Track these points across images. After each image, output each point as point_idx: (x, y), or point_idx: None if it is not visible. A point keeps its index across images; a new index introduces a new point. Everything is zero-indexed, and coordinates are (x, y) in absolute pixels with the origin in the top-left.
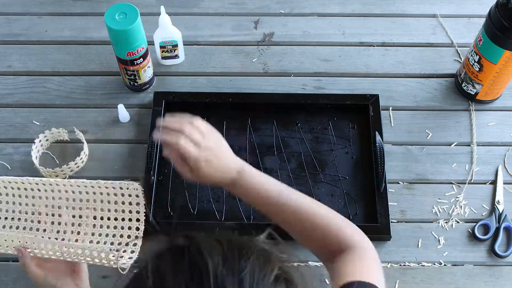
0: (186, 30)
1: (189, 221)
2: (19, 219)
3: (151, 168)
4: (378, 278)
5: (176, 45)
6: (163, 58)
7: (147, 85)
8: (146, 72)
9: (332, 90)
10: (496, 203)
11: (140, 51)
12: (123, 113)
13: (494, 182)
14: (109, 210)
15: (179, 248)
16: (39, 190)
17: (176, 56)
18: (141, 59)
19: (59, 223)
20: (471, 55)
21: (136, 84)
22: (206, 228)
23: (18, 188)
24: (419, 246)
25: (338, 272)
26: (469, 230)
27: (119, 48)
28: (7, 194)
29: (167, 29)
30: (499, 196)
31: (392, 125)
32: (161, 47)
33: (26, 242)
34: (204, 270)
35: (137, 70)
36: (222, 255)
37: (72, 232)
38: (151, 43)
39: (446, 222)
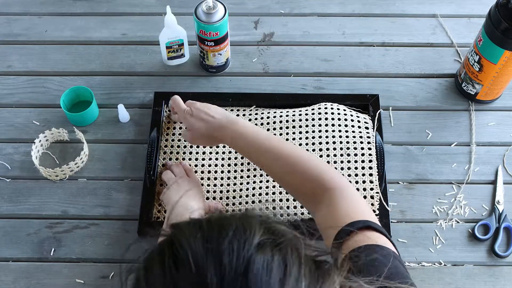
0: (186, 30)
1: None
2: None
3: (151, 168)
4: (369, 212)
5: (182, 44)
6: (169, 58)
7: (214, 70)
8: (216, 57)
9: (332, 90)
10: (496, 203)
11: (214, 35)
12: (123, 113)
13: (494, 182)
14: None
15: (165, 242)
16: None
17: (182, 55)
18: (212, 43)
19: None
20: (471, 55)
21: (204, 63)
22: None
23: None
24: (419, 246)
25: (332, 216)
26: (469, 230)
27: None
28: None
29: (174, 29)
30: (499, 196)
31: (392, 125)
32: (167, 47)
33: None
34: (186, 261)
35: (206, 51)
36: (202, 240)
37: None
38: (153, 43)
39: (446, 222)
